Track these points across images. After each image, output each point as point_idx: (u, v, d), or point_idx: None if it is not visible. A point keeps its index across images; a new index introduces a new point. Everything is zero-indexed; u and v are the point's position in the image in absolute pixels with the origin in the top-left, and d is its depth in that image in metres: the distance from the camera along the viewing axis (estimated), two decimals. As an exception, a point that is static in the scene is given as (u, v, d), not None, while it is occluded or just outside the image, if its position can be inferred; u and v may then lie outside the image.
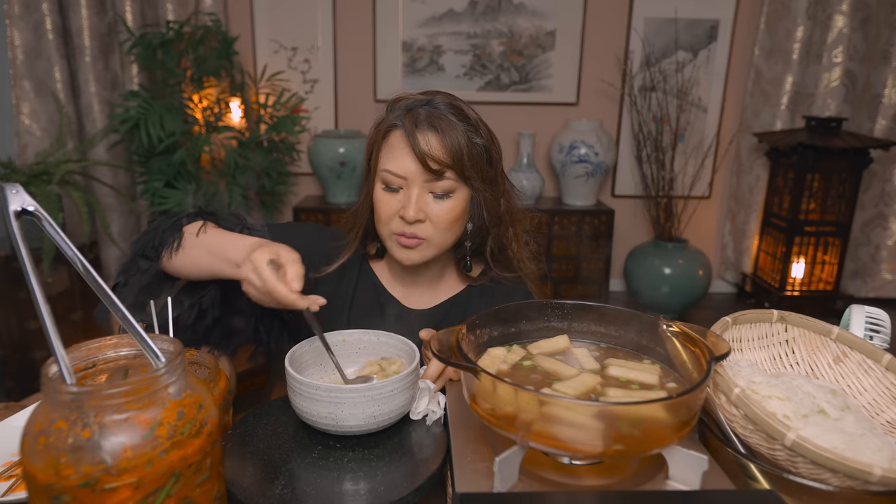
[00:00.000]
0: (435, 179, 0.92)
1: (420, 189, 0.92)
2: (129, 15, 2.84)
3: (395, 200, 0.94)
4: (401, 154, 0.92)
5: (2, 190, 0.49)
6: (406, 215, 0.91)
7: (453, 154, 0.90)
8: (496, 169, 0.99)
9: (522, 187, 3.21)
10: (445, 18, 3.26)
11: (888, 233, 3.25)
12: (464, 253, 1.04)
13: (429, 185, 0.92)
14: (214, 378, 0.74)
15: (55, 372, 0.49)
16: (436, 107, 0.93)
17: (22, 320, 2.39)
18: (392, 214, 0.94)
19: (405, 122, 0.92)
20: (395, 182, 0.93)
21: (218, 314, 0.94)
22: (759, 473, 0.60)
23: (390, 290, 1.06)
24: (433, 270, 1.06)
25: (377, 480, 0.63)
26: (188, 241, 0.89)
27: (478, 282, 1.08)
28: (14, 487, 0.67)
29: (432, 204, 0.93)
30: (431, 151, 0.90)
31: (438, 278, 1.08)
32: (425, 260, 0.97)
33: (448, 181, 0.92)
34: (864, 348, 0.77)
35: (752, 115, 3.34)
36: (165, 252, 0.89)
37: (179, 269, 0.90)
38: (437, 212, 0.93)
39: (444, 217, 0.94)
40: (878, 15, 3.09)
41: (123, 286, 0.91)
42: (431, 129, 0.91)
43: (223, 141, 2.82)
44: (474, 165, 0.93)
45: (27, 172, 2.39)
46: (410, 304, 1.06)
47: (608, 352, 0.75)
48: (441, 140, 0.90)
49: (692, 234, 3.51)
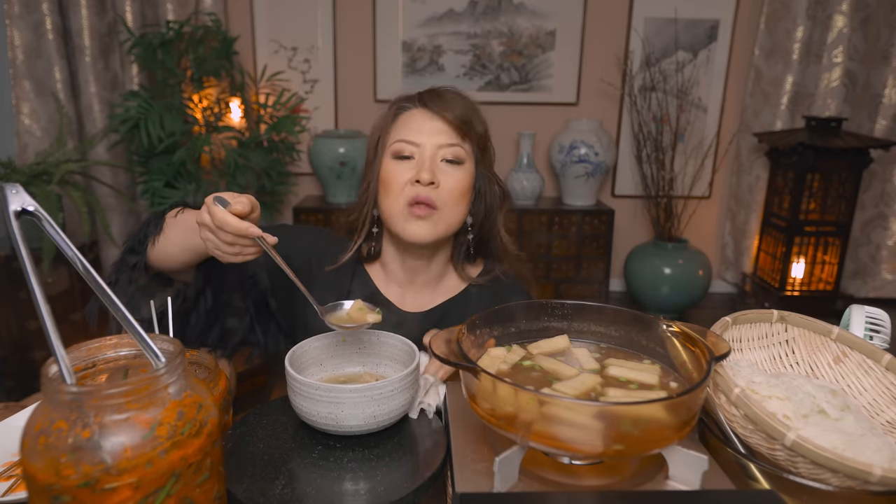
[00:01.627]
0: (448, 145, 0.95)
1: (433, 154, 0.95)
2: (129, 15, 2.84)
3: (406, 168, 0.95)
4: (415, 123, 0.96)
5: (2, 190, 0.49)
6: (422, 177, 0.93)
7: (466, 122, 0.96)
8: (492, 159, 1.04)
9: (523, 187, 3.21)
10: (445, 18, 3.26)
11: (888, 233, 3.25)
12: (466, 244, 1.05)
13: (441, 152, 0.95)
14: (214, 378, 0.74)
15: (55, 372, 0.49)
16: (445, 89, 0.99)
17: (22, 320, 2.39)
18: (404, 183, 0.95)
19: (422, 97, 0.97)
20: (408, 150, 0.95)
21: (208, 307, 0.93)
22: (759, 473, 0.60)
23: (385, 292, 1.05)
24: (432, 270, 1.05)
25: (377, 480, 0.63)
26: (167, 224, 0.89)
27: (478, 281, 1.07)
28: (14, 487, 0.67)
29: (445, 169, 0.96)
30: (453, 112, 0.95)
31: (437, 279, 1.07)
32: (436, 236, 0.97)
33: (460, 149, 0.96)
34: (864, 348, 0.77)
35: (752, 115, 3.34)
36: (150, 240, 0.89)
37: (161, 255, 0.89)
38: (449, 180, 0.95)
39: (455, 186, 0.96)
40: (878, 15, 3.09)
41: (115, 284, 0.90)
42: (446, 101, 0.96)
43: (223, 141, 2.82)
44: (481, 142, 0.99)
45: (27, 172, 2.39)
46: (406, 307, 1.05)
47: (608, 352, 0.75)
48: (455, 110, 0.96)
49: (692, 234, 3.51)
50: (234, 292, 0.95)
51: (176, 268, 0.91)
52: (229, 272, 0.95)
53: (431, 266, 1.05)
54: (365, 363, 0.85)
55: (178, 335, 0.92)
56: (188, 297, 0.91)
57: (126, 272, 0.91)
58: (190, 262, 0.89)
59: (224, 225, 0.74)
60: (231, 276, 0.95)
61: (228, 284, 0.95)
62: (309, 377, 0.78)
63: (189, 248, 0.85)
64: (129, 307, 0.88)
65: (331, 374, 0.83)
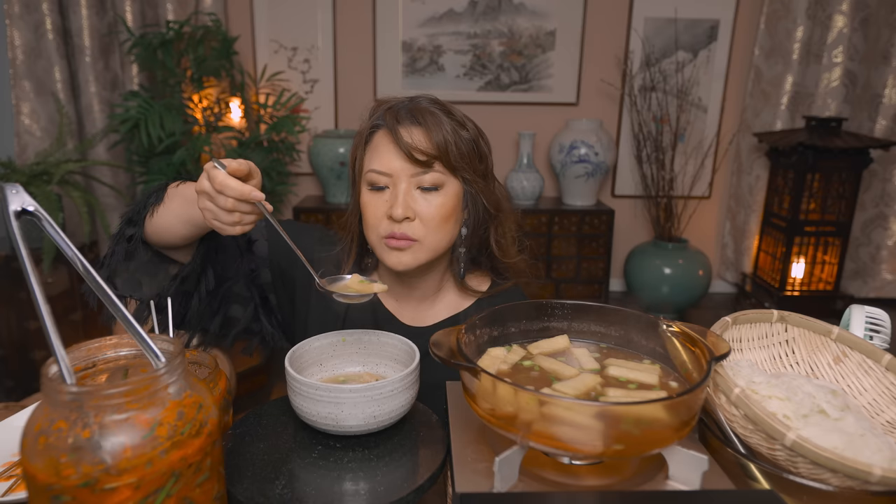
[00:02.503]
0: (422, 173, 0.88)
1: (407, 185, 0.88)
2: (129, 15, 2.84)
3: (381, 201, 0.90)
4: (385, 151, 0.89)
5: (2, 190, 0.49)
6: (394, 213, 0.87)
7: (438, 144, 0.88)
8: (486, 164, 0.96)
9: (523, 187, 3.21)
10: (445, 18, 3.26)
11: (888, 233, 3.25)
12: (458, 259, 0.99)
13: (416, 180, 0.89)
14: (214, 378, 0.74)
15: (55, 372, 0.49)
16: (418, 104, 0.91)
17: (22, 320, 2.39)
18: (380, 216, 0.90)
19: (387, 119, 0.89)
20: (381, 180, 0.89)
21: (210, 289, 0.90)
22: (759, 473, 0.60)
23: (385, 304, 1.02)
24: (428, 284, 1.00)
25: (377, 480, 0.63)
26: (169, 193, 0.85)
27: (489, 293, 1.03)
28: (14, 487, 0.68)
29: (421, 200, 0.89)
30: (415, 143, 0.87)
31: (434, 293, 1.02)
32: (419, 263, 0.92)
33: (436, 174, 0.89)
34: (864, 348, 0.77)
35: (752, 115, 3.34)
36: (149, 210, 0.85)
37: (159, 227, 0.85)
38: (427, 208, 0.89)
39: (434, 213, 0.89)
40: (878, 15, 3.09)
41: (111, 256, 0.87)
42: (414, 122, 0.89)
43: (223, 141, 2.82)
44: (463, 157, 0.90)
45: (27, 172, 2.40)
46: (404, 320, 1.01)
47: (608, 352, 0.75)
48: (425, 131, 0.88)
49: (692, 234, 3.51)
50: (238, 280, 0.94)
51: (174, 242, 0.87)
52: (230, 255, 0.93)
53: (427, 279, 1.00)
54: (365, 363, 0.85)
55: (179, 317, 0.90)
56: (188, 275, 0.88)
57: (122, 244, 0.87)
58: (188, 237, 0.86)
59: (225, 188, 0.70)
60: (232, 258, 0.93)
61: (232, 270, 0.93)
62: (309, 377, 0.78)
63: (188, 220, 0.82)
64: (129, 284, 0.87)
65: (331, 374, 0.83)
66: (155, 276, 0.88)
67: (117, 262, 0.87)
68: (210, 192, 0.72)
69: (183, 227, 0.84)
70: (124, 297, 0.87)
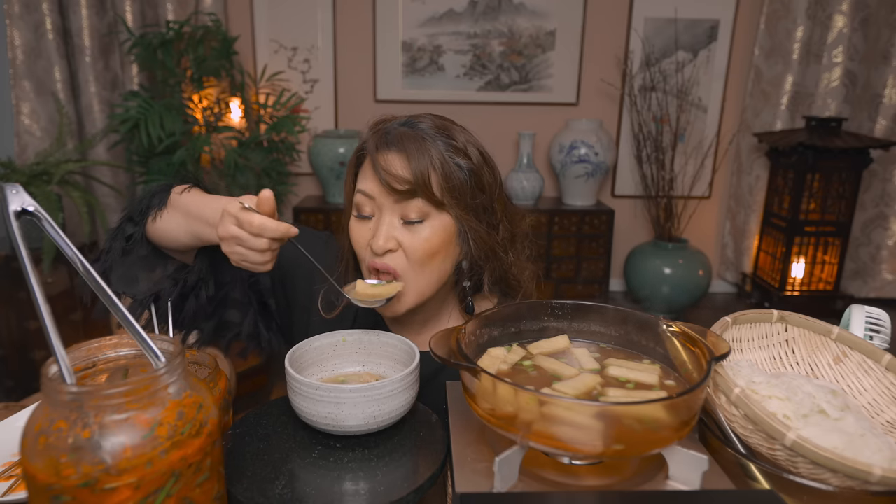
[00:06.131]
0: (403, 201, 0.83)
1: (390, 215, 0.84)
2: (129, 15, 2.84)
3: (366, 230, 0.86)
4: (370, 176, 0.85)
5: (2, 190, 0.49)
6: (374, 246, 0.83)
7: (417, 175, 0.81)
8: (489, 195, 0.88)
9: (523, 187, 3.21)
10: (445, 18, 3.26)
11: (888, 233, 3.25)
12: (464, 293, 0.94)
13: (400, 209, 0.84)
14: (214, 378, 0.74)
15: (55, 372, 0.49)
16: (414, 127, 0.86)
17: (22, 320, 2.39)
18: (364, 246, 0.86)
19: (369, 143, 0.86)
20: (367, 207, 0.86)
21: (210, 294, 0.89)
22: (759, 473, 0.60)
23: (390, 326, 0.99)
24: (429, 307, 0.95)
25: (377, 480, 0.63)
26: (173, 200, 0.84)
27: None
28: (14, 487, 0.68)
29: (406, 231, 0.84)
30: (391, 170, 0.82)
31: (435, 316, 0.97)
32: (408, 308, 0.87)
33: (419, 204, 0.83)
34: (864, 348, 0.77)
35: (752, 115, 3.34)
36: (151, 214, 0.84)
37: (162, 232, 0.84)
38: (411, 240, 0.83)
39: (418, 247, 0.83)
40: (878, 15, 3.09)
41: (108, 252, 0.86)
42: (395, 148, 0.83)
43: (223, 141, 2.82)
44: (453, 189, 0.83)
45: (27, 172, 2.40)
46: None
47: (608, 352, 0.75)
48: (403, 160, 0.82)
49: (692, 234, 3.51)
50: (236, 285, 0.93)
51: (175, 247, 0.86)
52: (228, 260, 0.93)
53: (428, 305, 0.94)
54: (365, 363, 0.85)
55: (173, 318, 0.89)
56: (188, 281, 0.87)
57: (120, 240, 0.86)
58: (192, 246, 0.84)
59: (264, 231, 0.68)
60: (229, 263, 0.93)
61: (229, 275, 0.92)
62: (309, 377, 0.78)
63: (195, 234, 0.81)
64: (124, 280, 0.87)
65: (331, 374, 0.83)
66: (152, 272, 0.87)
67: (113, 259, 0.86)
68: (241, 237, 0.69)
69: (187, 238, 0.82)
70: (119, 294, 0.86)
